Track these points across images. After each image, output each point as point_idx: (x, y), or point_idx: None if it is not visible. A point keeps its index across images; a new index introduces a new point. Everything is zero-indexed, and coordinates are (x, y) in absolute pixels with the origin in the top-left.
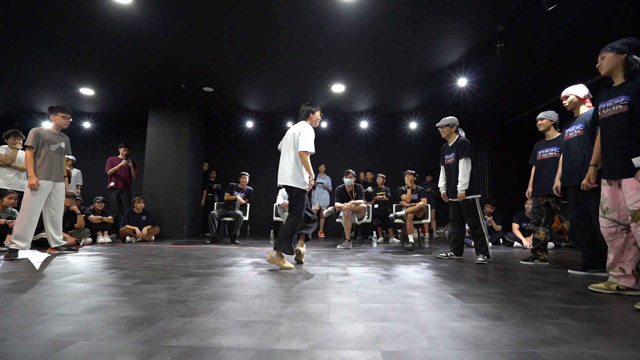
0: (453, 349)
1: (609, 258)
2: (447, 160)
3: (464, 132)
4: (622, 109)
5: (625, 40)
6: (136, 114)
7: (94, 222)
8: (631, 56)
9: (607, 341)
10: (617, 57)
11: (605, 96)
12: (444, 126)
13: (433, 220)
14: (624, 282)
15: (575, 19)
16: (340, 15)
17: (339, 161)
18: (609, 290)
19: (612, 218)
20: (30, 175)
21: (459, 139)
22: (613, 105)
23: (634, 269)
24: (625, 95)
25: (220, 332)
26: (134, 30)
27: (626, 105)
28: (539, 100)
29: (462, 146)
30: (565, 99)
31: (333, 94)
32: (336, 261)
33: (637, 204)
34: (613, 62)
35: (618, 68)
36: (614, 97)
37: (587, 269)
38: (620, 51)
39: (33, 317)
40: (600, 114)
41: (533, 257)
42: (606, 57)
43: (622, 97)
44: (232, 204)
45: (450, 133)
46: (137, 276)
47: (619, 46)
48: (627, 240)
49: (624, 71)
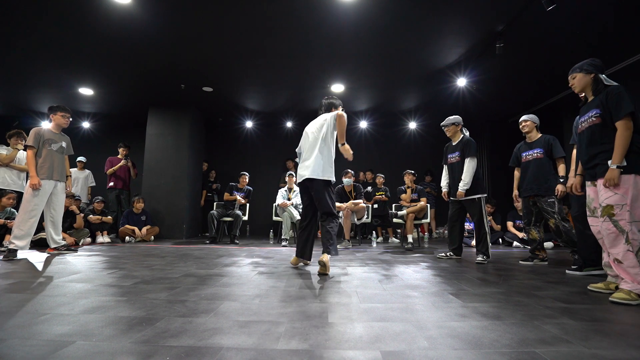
0: (452, 348)
1: (605, 256)
2: (451, 160)
3: (468, 132)
4: (596, 120)
5: (590, 61)
6: (136, 113)
7: (93, 222)
8: (598, 75)
9: (607, 341)
10: (586, 77)
11: (581, 113)
12: (449, 125)
13: (433, 220)
14: None
15: (575, 19)
16: (340, 16)
17: (339, 161)
18: (609, 290)
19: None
20: (32, 175)
21: (463, 138)
22: (588, 119)
23: None
24: (596, 108)
25: (219, 332)
26: (134, 30)
27: (599, 117)
28: (539, 100)
29: (468, 145)
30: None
31: (333, 94)
32: (336, 261)
33: (607, 200)
34: (584, 82)
35: (588, 87)
36: (587, 111)
37: (584, 268)
38: (588, 72)
39: (32, 317)
40: (580, 127)
41: (532, 257)
42: (577, 77)
43: (594, 111)
44: (232, 204)
45: (456, 132)
46: (137, 276)
47: (586, 67)
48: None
49: (593, 89)
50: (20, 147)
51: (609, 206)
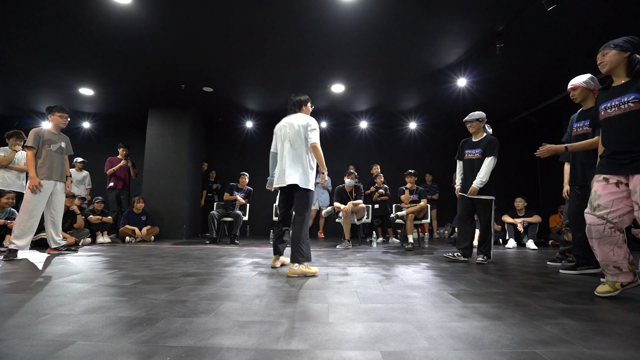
0: (453, 349)
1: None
2: (469, 155)
3: (491, 129)
4: (633, 107)
5: (627, 38)
6: (136, 113)
7: (94, 222)
8: (634, 54)
9: (607, 341)
10: (620, 54)
11: (607, 96)
12: (473, 121)
13: (434, 220)
14: (623, 279)
15: (575, 19)
16: (339, 16)
17: (339, 161)
18: (617, 290)
19: (602, 215)
20: (31, 176)
21: (487, 135)
22: (621, 104)
23: (629, 265)
24: (635, 93)
25: (220, 332)
26: (134, 30)
27: (637, 104)
28: (539, 100)
29: (492, 143)
30: (572, 90)
31: (333, 94)
32: (336, 261)
33: None
34: (616, 60)
35: (621, 66)
36: (620, 95)
37: (578, 267)
38: (623, 49)
39: (32, 318)
40: (605, 113)
41: (561, 257)
42: (609, 54)
43: (633, 95)
44: (232, 204)
45: (479, 128)
46: (137, 276)
47: (622, 44)
48: (617, 239)
49: (627, 70)
50: (18, 148)
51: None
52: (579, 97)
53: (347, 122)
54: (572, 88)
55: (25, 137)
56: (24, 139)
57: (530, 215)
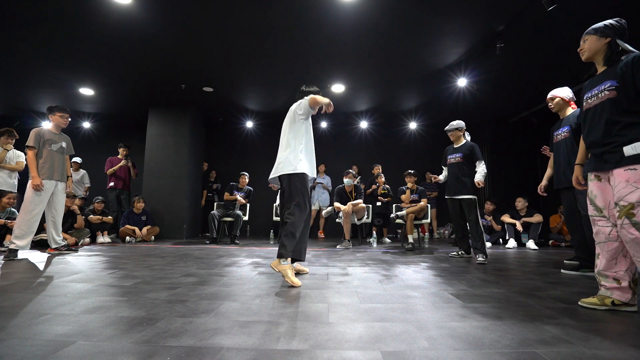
0: (453, 349)
1: (599, 263)
2: (451, 160)
3: (470, 136)
4: (609, 94)
5: (610, 22)
6: (136, 113)
7: (94, 222)
8: (614, 40)
9: (607, 341)
10: (600, 40)
11: (590, 86)
12: (453, 130)
13: (434, 220)
14: (618, 296)
15: (575, 19)
16: (340, 16)
17: (339, 161)
18: (604, 306)
19: (605, 216)
20: (33, 176)
21: (467, 142)
22: (599, 93)
23: (630, 281)
24: (612, 80)
25: (220, 332)
26: (134, 30)
27: (613, 91)
28: (539, 100)
29: (474, 150)
30: (551, 100)
31: (333, 94)
32: (336, 261)
33: (628, 197)
34: (595, 47)
35: (600, 53)
36: (598, 84)
37: (581, 268)
38: (604, 34)
39: (32, 317)
40: (586, 104)
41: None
42: (589, 40)
43: (608, 83)
44: (232, 204)
45: (459, 136)
46: (137, 276)
47: (602, 29)
48: (621, 245)
49: (605, 56)
50: (9, 147)
51: (630, 205)
52: (556, 107)
53: (348, 122)
54: (550, 98)
55: (17, 135)
56: (15, 138)
57: (532, 214)
